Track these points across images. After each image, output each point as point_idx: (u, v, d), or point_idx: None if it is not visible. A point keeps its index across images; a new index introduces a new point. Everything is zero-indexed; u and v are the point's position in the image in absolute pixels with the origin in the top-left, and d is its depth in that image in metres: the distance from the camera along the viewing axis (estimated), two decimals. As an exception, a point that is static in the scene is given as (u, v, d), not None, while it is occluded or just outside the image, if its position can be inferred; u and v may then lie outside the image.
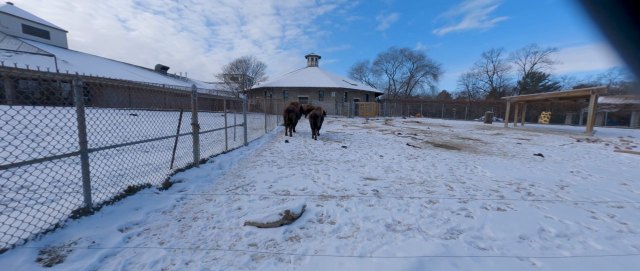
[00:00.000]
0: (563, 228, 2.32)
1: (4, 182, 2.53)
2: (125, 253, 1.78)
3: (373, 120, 22.28)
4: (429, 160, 5.33)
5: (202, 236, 2.04)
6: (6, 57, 18.28)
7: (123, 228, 2.10)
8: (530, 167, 4.96)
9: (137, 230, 2.10)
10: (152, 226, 2.18)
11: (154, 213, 2.42)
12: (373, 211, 2.56)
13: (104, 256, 1.73)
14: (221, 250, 1.87)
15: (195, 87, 4.11)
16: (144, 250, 1.83)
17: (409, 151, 6.34)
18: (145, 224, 2.21)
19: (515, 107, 18.90)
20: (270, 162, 4.72)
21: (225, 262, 1.72)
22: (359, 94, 31.03)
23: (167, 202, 2.68)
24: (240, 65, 33.75)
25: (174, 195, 2.93)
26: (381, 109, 30.87)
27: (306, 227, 2.24)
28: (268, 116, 10.23)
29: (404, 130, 12.06)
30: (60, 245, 1.80)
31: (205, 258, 1.77)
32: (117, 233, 2.01)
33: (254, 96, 30.67)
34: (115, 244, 1.86)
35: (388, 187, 3.43)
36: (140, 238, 1.99)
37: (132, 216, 2.29)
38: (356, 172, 4.15)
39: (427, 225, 2.33)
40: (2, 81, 12.25)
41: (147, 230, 2.11)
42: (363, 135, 9.77)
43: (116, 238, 1.93)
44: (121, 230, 2.06)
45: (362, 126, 14.30)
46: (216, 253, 1.83)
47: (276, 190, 3.18)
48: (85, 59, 24.17)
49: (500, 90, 43.23)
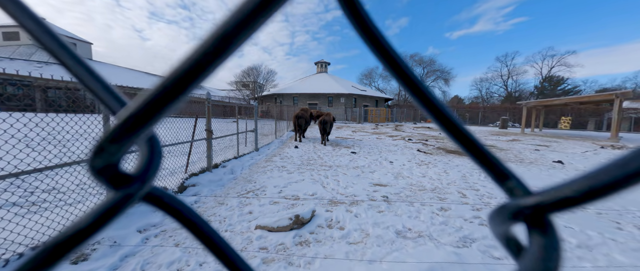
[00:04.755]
0: (585, 239, 2.21)
1: (38, 184, 2.73)
2: (143, 253, 1.87)
3: (383, 125, 22.09)
4: (440, 166, 5.23)
5: (215, 239, 2.11)
6: (37, 68, 19.71)
7: (141, 229, 2.21)
8: (549, 174, 4.76)
9: (154, 232, 2.20)
10: (168, 228, 2.27)
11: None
12: (383, 218, 2.55)
13: (124, 256, 1.82)
14: (233, 252, 1.92)
15: (209, 94, 4.29)
16: (161, 250, 1.91)
17: (420, 157, 6.25)
18: (161, 226, 2.31)
19: (533, 112, 18.21)
20: (280, 167, 4.79)
21: (237, 264, 1.77)
22: (368, 100, 30.95)
23: (182, 205, 2.78)
24: (251, 72, 34.68)
25: (188, 198, 3.03)
26: (391, 115, 30.59)
27: (315, 232, 2.26)
28: (278, 122, 10.40)
29: (414, 136, 11.88)
30: (85, 243, 1.91)
31: (216, 261, 1.82)
32: (136, 233, 2.11)
33: (265, 102, 31.26)
34: (134, 244, 1.96)
35: (398, 193, 3.39)
36: (158, 239, 2.08)
37: (150, 218, 2.39)
38: (366, 178, 4.14)
39: (438, 232, 2.29)
40: (33, 90, 13.22)
41: (164, 232, 2.20)
42: (372, 140, 9.71)
43: (135, 238, 2.03)
44: (140, 231, 2.17)
45: (372, 132, 14.22)
46: None
47: (286, 195, 3.22)
48: (106, 68, 25.64)
49: (515, 95, 41.82)
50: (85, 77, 0.16)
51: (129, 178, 0.13)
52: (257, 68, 35.03)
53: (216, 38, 0.11)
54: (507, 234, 0.10)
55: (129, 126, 0.12)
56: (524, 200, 0.10)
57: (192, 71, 0.11)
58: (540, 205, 0.09)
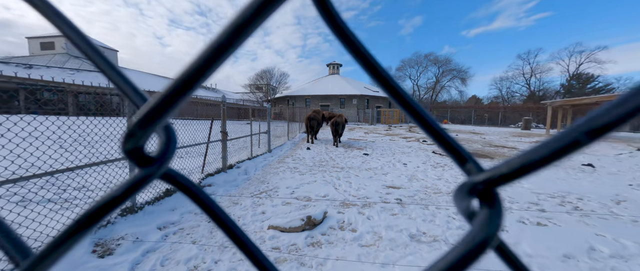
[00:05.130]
0: (619, 248, 2.04)
1: (70, 182, 2.95)
2: (163, 249, 1.96)
3: (396, 127, 21.69)
4: (457, 169, 5.04)
5: (230, 238, 2.16)
6: (69, 75, 21.30)
7: (161, 227, 2.31)
8: (577, 178, 4.45)
9: (173, 229, 2.29)
10: (186, 226, 2.36)
11: (187, 214, 2.62)
12: (396, 221, 2.50)
13: (145, 251, 1.92)
14: (247, 251, 1.96)
15: (225, 97, 4.43)
16: (179, 247, 1.99)
17: (435, 159, 6.06)
18: (180, 224, 2.40)
19: (559, 112, 17.12)
20: (292, 169, 4.83)
21: (250, 263, 1.81)
22: (381, 101, 30.54)
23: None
24: (264, 75, 35.39)
25: (205, 198, 3.14)
26: (404, 116, 29.99)
27: (327, 234, 2.26)
28: (290, 124, 10.51)
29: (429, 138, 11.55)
30: (110, 239, 2.03)
31: (232, 259, 1.87)
32: (156, 231, 2.22)
33: (277, 104, 31.73)
34: (155, 240, 2.05)
35: (412, 196, 3.31)
36: (176, 237, 2.17)
37: (169, 216, 2.50)
38: (378, 180, 4.08)
39: (455, 237, 2.21)
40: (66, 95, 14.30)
41: (182, 229, 2.29)
42: (385, 142, 9.56)
43: (156, 235, 2.13)
44: (160, 228, 2.27)
45: (385, 133, 14.00)
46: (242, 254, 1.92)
47: (298, 196, 3.25)
48: (130, 73, 27.17)
49: (539, 94, 39.52)
50: (115, 78, 0.18)
51: (151, 159, 0.16)
52: (270, 71, 35.73)
53: (213, 47, 0.14)
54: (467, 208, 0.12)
55: (151, 116, 0.15)
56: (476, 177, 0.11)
57: (195, 74, 0.14)
58: (489, 180, 0.11)
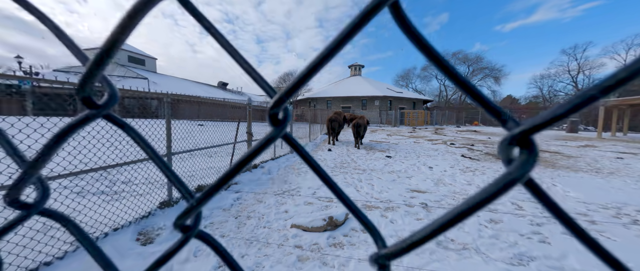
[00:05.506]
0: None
1: (118, 178, 3.32)
2: (195, 241, 2.11)
3: (421, 129, 20.82)
4: (489, 174, 4.70)
5: (255, 234, 2.26)
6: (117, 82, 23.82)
7: (194, 220, 2.49)
8: (636, 188, 3.89)
9: (204, 223, 2.45)
10: (215, 220, 2.52)
11: (216, 210, 2.79)
12: (421, 226, 2.40)
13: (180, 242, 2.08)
14: (271, 247, 2.03)
15: (251, 100, 4.64)
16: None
17: (465, 163, 5.71)
18: (210, 218, 2.57)
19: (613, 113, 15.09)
20: (314, 170, 4.88)
21: (275, 259, 1.87)
22: (405, 102, 29.55)
23: (226, 201, 3.06)
24: (286, 78, 36.24)
25: (232, 195, 3.31)
26: (430, 117, 28.63)
27: (349, 235, 2.25)
28: (312, 125, 10.63)
29: (457, 140, 10.92)
30: (151, 229, 2.24)
31: (258, 254, 1.95)
32: (189, 223, 2.39)
33: (299, 106, 32.26)
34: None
35: (439, 200, 3.16)
36: (206, 230, 2.32)
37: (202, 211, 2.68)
38: (402, 183, 3.95)
39: (487, 246, 2.07)
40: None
41: (212, 224, 2.44)
42: (409, 144, 9.23)
43: (189, 227, 2.30)
44: (192, 222, 2.45)
45: (409, 135, 13.51)
46: (267, 250, 2.00)
47: (320, 197, 3.28)
48: (166, 79, 29.60)
49: (588, 93, 35.16)
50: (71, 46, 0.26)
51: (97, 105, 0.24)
52: (292, 73, 36.50)
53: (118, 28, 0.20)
54: (508, 157, 0.14)
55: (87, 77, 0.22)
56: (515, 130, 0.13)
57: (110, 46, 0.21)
58: (525, 130, 0.13)
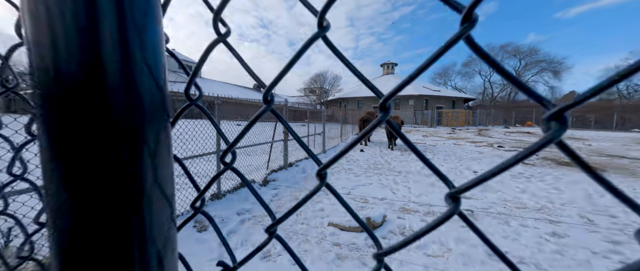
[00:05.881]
0: None
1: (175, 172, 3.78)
2: (241, 232, 2.30)
3: (461, 130, 19.23)
4: (549, 180, 4.15)
5: (294, 229, 2.37)
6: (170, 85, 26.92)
7: (239, 212, 2.71)
8: None
9: (247, 216, 2.66)
10: (257, 214, 2.70)
11: (257, 205, 2.99)
12: (467, 234, 2.25)
13: (228, 232, 2.29)
14: (310, 243, 2.11)
15: (287, 101, 4.84)
16: (253, 231, 2.30)
17: (516, 168, 5.12)
18: (252, 212, 2.77)
19: None
20: (347, 170, 4.89)
21: (315, 256, 1.94)
22: (443, 101, 27.58)
23: (265, 197, 3.25)
24: (318, 79, 36.75)
25: (270, 190, 3.51)
26: (472, 117, 26.23)
27: (388, 237, 2.22)
28: (343, 125, 10.62)
29: (506, 143, 9.82)
30: (204, 218, 2.51)
31: (297, 249, 2.04)
32: (235, 216, 2.61)
33: (330, 107, 32.39)
34: (235, 223, 2.43)
35: (487, 208, 2.91)
36: (250, 222, 2.51)
37: (244, 204, 2.91)
38: (442, 187, 3.72)
39: (550, 262, 1.85)
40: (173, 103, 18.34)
41: (254, 217, 2.63)
42: (449, 146, 8.61)
43: (235, 219, 2.52)
44: (238, 214, 2.67)
45: (448, 136, 12.59)
46: (306, 245, 2.09)
47: (354, 197, 3.28)
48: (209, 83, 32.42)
49: (686, 86, 28.41)
50: None
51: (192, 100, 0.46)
52: (323, 74, 36.89)
53: None
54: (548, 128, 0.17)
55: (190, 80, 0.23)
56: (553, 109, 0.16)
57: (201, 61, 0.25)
58: (561, 108, 0.16)
